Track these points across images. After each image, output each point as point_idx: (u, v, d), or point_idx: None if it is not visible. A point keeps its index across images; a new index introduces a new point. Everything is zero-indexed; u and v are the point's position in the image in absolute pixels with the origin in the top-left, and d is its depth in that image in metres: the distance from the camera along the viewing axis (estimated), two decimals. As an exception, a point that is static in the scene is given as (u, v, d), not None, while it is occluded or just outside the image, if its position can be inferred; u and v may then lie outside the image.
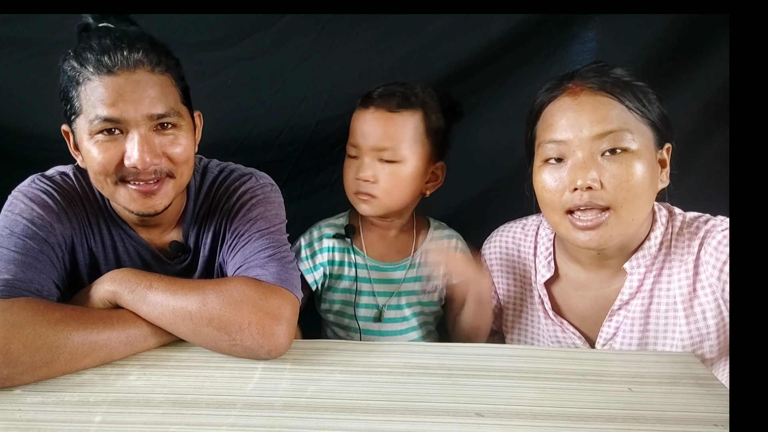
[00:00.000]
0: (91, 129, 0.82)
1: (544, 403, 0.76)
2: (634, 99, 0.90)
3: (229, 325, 0.81)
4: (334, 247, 1.15)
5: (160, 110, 0.83)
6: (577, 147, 0.89)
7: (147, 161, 0.82)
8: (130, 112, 0.81)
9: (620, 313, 1.00)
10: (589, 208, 0.90)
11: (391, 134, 1.03)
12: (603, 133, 0.88)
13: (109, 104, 0.80)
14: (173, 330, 0.83)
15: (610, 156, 0.88)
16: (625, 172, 0.87)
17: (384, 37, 1.32)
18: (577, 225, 0.91)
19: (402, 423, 0.70)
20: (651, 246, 0.97)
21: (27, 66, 1.27)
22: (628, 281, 0.99)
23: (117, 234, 0.96)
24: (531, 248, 1.11)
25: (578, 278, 1.05)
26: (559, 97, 0.94)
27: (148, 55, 0.82)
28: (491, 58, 1.35)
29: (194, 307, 0.82)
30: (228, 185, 1.00)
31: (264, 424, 0.69)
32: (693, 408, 0.76)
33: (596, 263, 1.01)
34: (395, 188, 1.06)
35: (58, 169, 0.96)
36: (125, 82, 0.81)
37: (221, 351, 0.84)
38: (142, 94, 0.81)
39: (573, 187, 0.89)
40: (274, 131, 1.40)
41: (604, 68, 0.93)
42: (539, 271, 1.08)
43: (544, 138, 0.94)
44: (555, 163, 0.93)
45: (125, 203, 0.87)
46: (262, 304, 0.83)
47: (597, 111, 0.89)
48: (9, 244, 0.84)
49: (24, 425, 0.67)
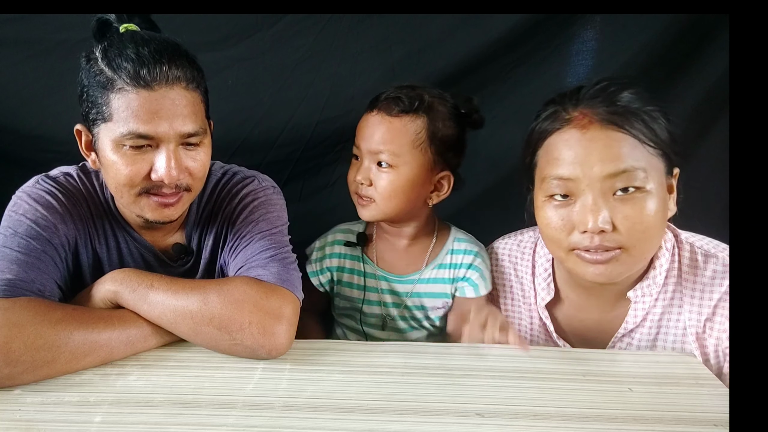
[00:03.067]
0: (120, 140, 0.81)
1: (543, 403, 0.76)
2: (644, 128, 0.83)
3: (229, 324, 0.81)
4: (345, 254, 1.14)
5: (191, 129, 0.83)
6: (586, 186, 0.84)
7: (174, 176, 0.83)
8: (164, 128, 0.81)
9: (624, 341, 0.98)
10: (600, 248, 0.85)
11: (388, 138, 1.00)
12: (616, 173, 0.82)
13: (145, 120, 0.79)
14: (174, 329, 0.83)
15: (623, 195, 0.83)
16: (639, 213, 0.83)
17: (384, 37, 1.32)
18: (585, 259, 0.87)
19: (402, 423, 0.70)
20: (656, 275, 0.93)
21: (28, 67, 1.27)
22: (632, 310, 0.95)
23: (121, 235, 0.97)
24: (528, 268, 1.07)
25: (579, 301, 1.01)
26: (564, 128, 0.87)
27: (185, 72, 0.82)
28: (491, 57, 1.35)
29: (195, 306, 0.82)
30: (230, 188, 1.00)
31: (264, 424, 0.69)
32: (693, 408, 0.76)
33: (599, 288, 0.96)
34: (391, 193, 1.02)
35: (62, 170, 0.96)
36: (162, 99, 0.80)
37: (222, 350, 0.84)
38: (177, 112, 0.81)
39: (583, 228, 0.84)
40: (274, 132, 1.40)
41: (612, 93, 0.86)
42: (539, 293, 1.04)
43: (548, 173, 0.88)
44: (561, 200, 0.87)
45: (142, 212, 0.88)
46: (263, 304, 0.83)
47: (609, 148, 0.83)
48: (12, 244, 0.84)
49: (24, 425, 0.67)
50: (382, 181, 1.02)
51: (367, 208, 1.05)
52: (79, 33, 1.25)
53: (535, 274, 1.06)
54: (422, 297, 1.11)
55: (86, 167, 0.98)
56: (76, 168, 0.97)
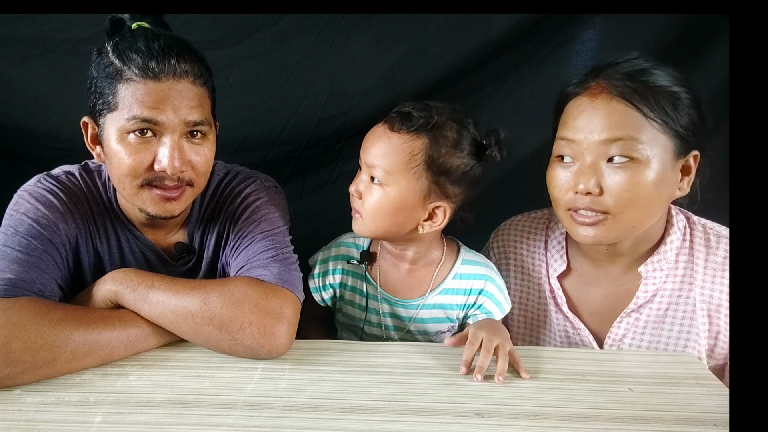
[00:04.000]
0: (125, 127, 0.82)
1: (544, 403, 0.76)
2: (656, 108, 0.87)
3: (230, 324, 0.81)
4: (348, 271, 1.08)
5: (197, 117, 0.84)
6: (585, 149, 0.89)
7: (176, 167, 0.83)
8: (169, 116, 0.82)
9: (633, 315, 1.00)
10: (588, 209, 0.90)
11: (382, 154, 0.93)
12: (611, 139, 0.87)
13: (149, 106, 0.80)
14: (174, 329, 0.83)
15: (617, 163, 0.87)
16: (629, 181, 0.86)
17: (384, 37, 1.32)
18: (577, 220, 0.92)
19: (401, 423, 0.71)
20: (667, 251, 0.97)
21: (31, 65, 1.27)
22: (643, 285, 0.98)
23: (123, 234, 0.97)
24: (541, 241, 1.11)
25: (589, 274, 1.04)
26: (580, 95, 0.93)
27: (193, 67, 0.83)
28: (491, 57, 1.35)
29: (195, 306, 0.82)
30: (233, 187, 1.00)
31: (264, 424, 0.69)
32: (693, 408, 0.76)
33: (608, 259, 1.01)
34: (376, 212, 0.95)
35: (64, 169, 0.96)
36: (169, 90, 0.81)
37: (222, 351, 0.84)
38: (183, 103, 0.82)
39: (575, 189, 0.90)
40: (275, 130, 1.40)
41: (637, 69, 0.90)
42: (551, 264, 1.07)
43: (559, 133, 0.95)
44: (565, 162, 0.93)
45: (144, 205, 0.87)
46: (263, 304, 0.83)
47: (610, 116, 0.87)
48: (13, 243, 0.84)
49: (24, 425, 0.67)
50: (370, 197, 0.95)
51: (356, 222, 1.00)
52: (82, 32, 1.25)
53: (548, 247, 1.09)
54: (426, 323, 1.06)
55: (88, 166, 0.98)
56: (78, 167, 0.97)
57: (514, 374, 0.83)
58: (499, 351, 0.84)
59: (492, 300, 1.04)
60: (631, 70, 0.90)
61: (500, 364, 0.82)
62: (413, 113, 0.92)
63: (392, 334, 1.08)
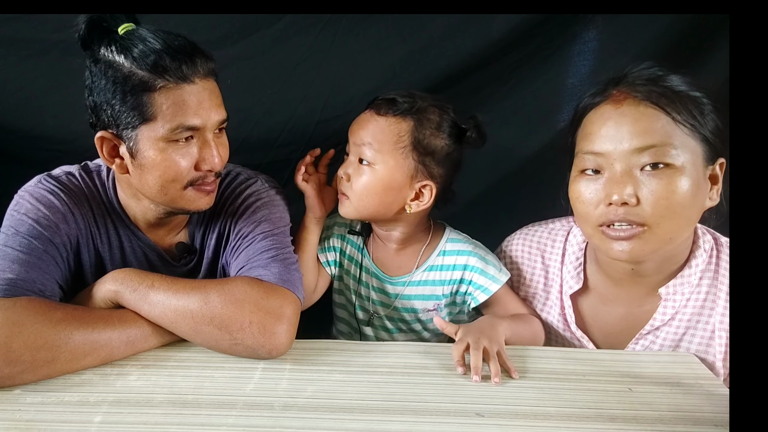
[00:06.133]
0: (168, 136, 0.82)
1: (544, 403, 0.76)
2: (683, 111, 0.83)
3: (230, 324, 0.81)
4: (348, 239, 1.14)
5: (224, 115, 0.88)
6: (615, 160, 0.84)
7: (222, 164, 0.88)
8: (211, 119, 0.85)
9: (648, 338, 0.97)
10: (624, 222, 0.85)
11: (371, 134, 0.99)
12: (643, 147, 0.82)
13: (193, 113, 0.82)
14: (174, 329, 0.83)
15: (651, 171, 0.83)
16: (665, 188, 0.82)
17: (384, 37, 1.31)
18: (610, 235, 0.86)
19: (401, 423, 0.70)
20: (691, 274, 0.93)
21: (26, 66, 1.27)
22: (662, 307, 0.95)
23: (124, 234, 0.97)
24: (558, 255, 1.06)
25: (608, 293, 1.00)
26: (601, 104, 0.89)
27: (209, 64, 0.85)
28: (492, 58, 1.35)
29: (196, 306, 0.82)
30: (234, 188, 1.01)
31: (264, 424, 0.69)
32: (693, 408, 0.76)
33: (630, 280, 0.96)
34: (364, 192, 1.00)
35: (65, 169, 0.96)
36: (202, 90, 0.83)
37: (222, 350, 0.84)
38: (215, 102, 0.85)
39: (608, 201, 0.85)
40: (274, 131, 1.39)
41: (656, 75, 0.87)
42: (566, 281, 1.03)
43: (582, 147, 0.90)
44: (591, 175, 0.88)
45: (188, 204, 0.90)
46: (264, 304, 0.83)
47: (639, 122, 0.83)
48: (14, 244, 0.84)
49: (24, 425, 0.67)
50: (359, 178, 1.00)
51: (342, 205, 1.04)
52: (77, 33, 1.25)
53: (564, 262, 1.05)
54: (412, 300, 1.10)
55: (88, 166, 0.98)
56: (78, 167, 0.97)
57: (514, 374, 0.83)
58: (488, 352, 0.84)
59: (481, 274, 1.06)
60: (652, 76, 0.87)
61: (491, 367, 0.82)
62: (398, 99, 0.99)
63: (378, 309, 1.12)
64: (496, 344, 0.86)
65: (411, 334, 1.13)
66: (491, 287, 1.05)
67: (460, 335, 0.88)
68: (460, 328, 0.90)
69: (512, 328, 0.95)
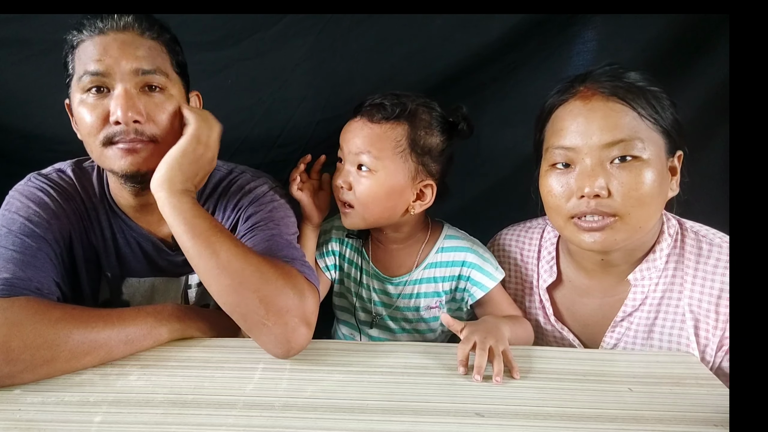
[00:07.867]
0: (81, 87, 0.85)
1: (544, 403, 0.76)
2: (647, 105, 0.87)
3: (272, 304, 0.78)
4: (347, 242, 1.14)
5: (146, 66, 0.85)
6: (586, 154, 0.88)
7: (129, 116, 0.83)
8: (114, 65, 0.84)
9: (623, 325, 0.99)
10: (595, 213, 0.89)
11: (368, 144, 0.98)
12: (613, 142, 0.86)
13: (95, 59, 0.84)
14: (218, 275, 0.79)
15: (620, 164, 0.86)
16: (635, 180, 0.86)
17: (384, 37, 1.32)
18: (582, 227, 0.90)
19: (401, 423, 0.70)
20: (656, 258, 0.96)
21: (27, 66, 1.27)
22: (631, 293, 0.98)
23: (117, 225, 0.97)
24: (534, 252, 1.10)
25: (582, 284, 1.03)
26: (569, 100, 0.92)
27: (139, 21, 0.86)
28: (491, 58, 1.35)
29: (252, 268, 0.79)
30: (242, 184, 0.99)
31: (264, 424, 0.69)
32: (693, 408, 0.76)
33: (601, 270, 1.00)
34: (370, 199, 1.00)
35: (55, 167, 0.97)
36: (113, 40, 0.84)
37: (245, 323, 0.80)
38: (128, 51, 0.85)
39: (580, 194, 0.88)
40: (274, 131, 1.40)
41: (619, 72, 0.91)
42: (541, 275, 1.07)
43: (552, 143, 0.93)
44: (562, 169, 0.91)
45: (110, 164, 0.87)
46: (305, 306, 0.81)
47: (608, 118, 0.87)
48: (7, 243, 0.84)
49: (24, 425, 0.67)
50: (361, 185, 0.99)
51: (347, 216, 1.04)
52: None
53: (540, 257, 1.09)
54: (413, 298, 1.10)
55: (81, 162, 0.98)
56: (70, 163, 0.98)
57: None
58: (493, 352, 0.84)
59: (478, 270, 1.07)
60: (614, 73, 0.91)
61: (495, 365, 0.82)
62: (386, 103, 0.99)
63: (380, 310, 1.12)
64: (502, 344, 0.86)
65: (414, 334, 1.14)
66: (488, 284, 1.06)
67: (466, 333, 0.88)
68: (466, 326, 0.90)
69: (511, 329, 0.95)
